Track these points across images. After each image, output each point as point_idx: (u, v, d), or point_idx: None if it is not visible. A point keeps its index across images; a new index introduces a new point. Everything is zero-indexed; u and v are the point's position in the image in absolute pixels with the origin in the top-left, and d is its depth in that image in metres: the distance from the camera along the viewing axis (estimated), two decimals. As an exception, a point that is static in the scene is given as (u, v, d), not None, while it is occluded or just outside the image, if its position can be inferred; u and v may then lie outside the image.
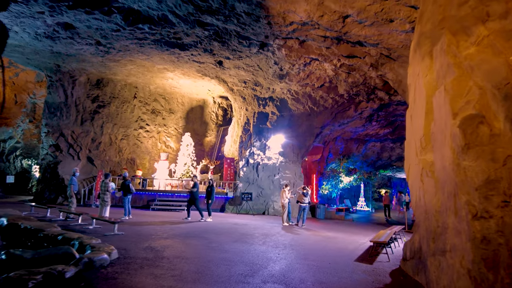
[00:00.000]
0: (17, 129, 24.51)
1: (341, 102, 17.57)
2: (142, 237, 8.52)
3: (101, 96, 20.81)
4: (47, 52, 16.53)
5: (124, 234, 8.87)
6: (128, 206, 12.87)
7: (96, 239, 7.14)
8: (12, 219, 8.50)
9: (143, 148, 22.62)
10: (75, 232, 8.59)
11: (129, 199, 12.87)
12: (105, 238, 8.17)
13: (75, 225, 10.06)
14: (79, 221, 10.39)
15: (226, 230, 10.76)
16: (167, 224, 11.45)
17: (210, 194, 13.26)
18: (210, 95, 23.23)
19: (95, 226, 9.72)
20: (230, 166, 19.46)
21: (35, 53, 16.91)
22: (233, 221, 13.54)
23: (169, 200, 17.94)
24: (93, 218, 9.60)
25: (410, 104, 7.23)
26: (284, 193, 13.76)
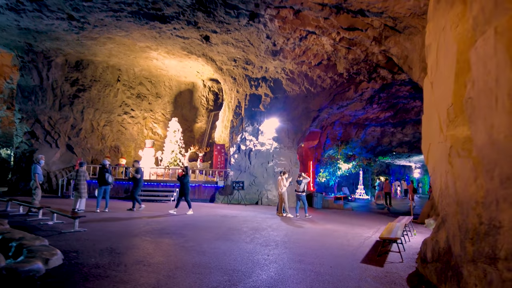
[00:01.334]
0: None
1: (340, 82, 16.12)
2: (106, 236, 7.17)
3: (81, 79, 19.22)
4: (14, 28, 14.87)
5: (86, 231, 7.51)
6: (106, 198, 11.49)
7: (42, 239, 5.77)
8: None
9: (128, 135, 21.14)
10: (29, 229, 7.23)
11: (106, 190, 11.47)
12: (59, 237, 6.82)
13: (33, 220, 8.69)
14: (40, 215, 9.00)
15: (210, 224, 9.44)
16: (145, 218, 10.11)
17: (185, 185, 11.67)
18: (199, 77, 21.67)
19: (56, 221, 8.35)
20: (221, 153, 18.09)
21: (0, 30, 15.23)
22: (221, 213, 12.23)
23: (154, 190, 16.58)
24: (53, 212, 8.22)
25: (430, 69, 5.82)
26: (282, 181, 12.39)
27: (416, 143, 25.25)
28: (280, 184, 12.40)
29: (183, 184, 11.64)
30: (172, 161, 19.12)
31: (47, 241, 5.76)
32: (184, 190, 11.61)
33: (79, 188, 10.57)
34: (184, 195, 11.64)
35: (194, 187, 16.88)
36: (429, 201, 12.34)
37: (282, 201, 12.46)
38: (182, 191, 11.67)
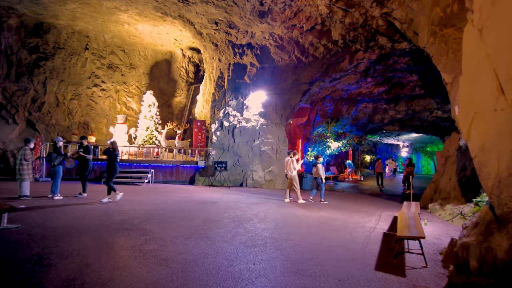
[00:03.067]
0: None
1: (334, 50, 14.44)
2: (42, 234, 5.54)
3: (41, 45, 16.86)
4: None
5: (20, 228, 5.85)
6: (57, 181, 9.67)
7: None
8: None
9: (99, 110, 19.07)
10: None
11: (57, 172, 9.64)
12: (-24, 238, 5.14)
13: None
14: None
15: (185, 214, 7.89)
16: (103, 206, 8.47)
17: (112, 165, 9.37)
18: (177, 46, 19.55)
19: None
20: (201, 130, 16.37)
21: None
22: (200, 198, 10.70)
23: (126, 171, 14.84)
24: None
25: (479, 10, 4.22)
26: (291, 163, 10.99)
27: (408, 120, 24.14)
28: (290, 166, 10.99)
29: (109, 163, 9.41)
30: (147, 139, 17.30)
31: None
32: (108, 170, 9.40)
33: (20, 169, 8.86)
34: (107, 177, 9.46)
35: (171, 167, 15.24)
36: (432, 183, 11.14)
37: (291, 186, 11.08)
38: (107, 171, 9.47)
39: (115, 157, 9.40)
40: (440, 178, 10.73)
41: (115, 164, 9.39)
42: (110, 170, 9.37)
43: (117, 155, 9.47)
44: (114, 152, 9.40)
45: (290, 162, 11.05)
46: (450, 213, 8.79)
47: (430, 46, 10.66)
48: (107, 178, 9.41)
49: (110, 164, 9.40)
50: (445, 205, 9.40)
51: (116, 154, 9.45)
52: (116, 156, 9.45)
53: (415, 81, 18.53)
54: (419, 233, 4.87)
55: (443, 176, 10.54)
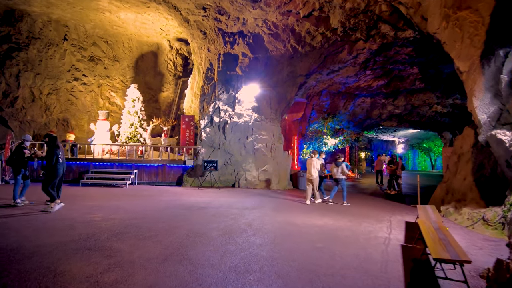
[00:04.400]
0: None
1: (333, 40, 13.32)
2: None
3: (14, 35, 15.44)
4: None
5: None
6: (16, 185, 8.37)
7: None
8: None
9: (80, 106, 17.72)
10: None
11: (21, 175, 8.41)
12: None
13: None
14: None
15: (165, 225, 6.73)
16: (72, 214, 7.25)
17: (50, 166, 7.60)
18: (164, 37, 18.25)
19: None
20: (189, 127, 15.16)
21: None
22: (187, 202, 9.52)
23: (107, 172, 13.58)
24: None
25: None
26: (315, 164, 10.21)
27: (406, 115, 23.23)
28: (314, 166, 10.13)
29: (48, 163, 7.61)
30: (131, 137, 16.03)
31: None
32: (46, 172, 7.62)
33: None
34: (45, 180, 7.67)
35: (157, 167, 14.02)
36: (443, 183, 10.13)
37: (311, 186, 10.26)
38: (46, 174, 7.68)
39: (55, 155, 7.57)
40: (452, 178, 9.71)
41: (56, 165, 7.57)
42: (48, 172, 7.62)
43: (56, 153, 7.60)
44: (53, 149, 7.59)
45: (314, 163, 10.21)
46: (468, 218, 7.77)
47: (441, 32, 9.60)
48: (44, 183, 7.58)
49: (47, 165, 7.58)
50: (461, 208, 8.38)
51: (55, 152, 7.58)
52: (56, 154, 7.57)
53: (416, 74, 17.57)
54: (460, 254, 3.78)
55: (456, 175, 9.52)
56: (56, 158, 7.57)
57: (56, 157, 7.57)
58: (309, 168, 10.35)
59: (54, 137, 7.75)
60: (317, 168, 10.26)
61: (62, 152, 8.52)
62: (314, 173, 10.20)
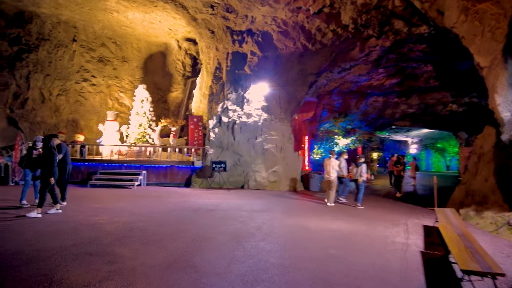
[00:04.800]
0: None
1: (344, 37, 12.94)
2: None
3: (24, 36, 15.47)
4: None
5: None
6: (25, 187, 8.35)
7: None
8: None
9: (89, 107, 17.71)
10: None
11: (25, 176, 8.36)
12: None
13: None
14: None
15: (171, 228, 6.49)
16: (76, 216, 7.07)
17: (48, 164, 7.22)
18: (172, 37, 18.12)
19: None
20: (198, 127, 14.96)
21: None
22: (195, 204, 9.28)
23: (115, 173, 13.47)
24: None
25: None
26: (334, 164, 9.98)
27: (420, 115, 22.58)
28: (334, 167, 9.88)
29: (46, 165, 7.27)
30: (140, 137, 15.92)
31: None
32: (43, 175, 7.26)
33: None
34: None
35: (166, 168, 13.84)
36: (462, 185, 9.65)
37: (330, 188, 9.97)
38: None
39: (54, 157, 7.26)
40: (472, 179, 9.24)
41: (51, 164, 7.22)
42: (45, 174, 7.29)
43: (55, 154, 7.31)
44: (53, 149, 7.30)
45: (333, 163, 9.96)
46: (492, 222, 7.32)
47: (460, 26, 9.15)
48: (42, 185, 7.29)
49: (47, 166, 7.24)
50: (483, 211, 7.92)
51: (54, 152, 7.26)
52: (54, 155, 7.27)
53: (430, 72, 17.01)
54: (492, 265, 3.41)
55: (477, 176, 9.05)
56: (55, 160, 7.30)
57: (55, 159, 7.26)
58: (327, 169, 10.06)
59: (49, 137, 7.43)
60: (335, 169, 9.97)
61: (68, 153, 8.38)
62: (333, 174, 9.91)
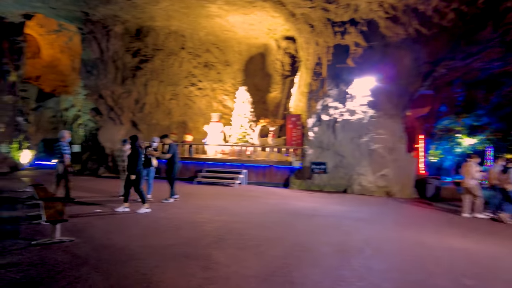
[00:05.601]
0: (77, 97, 23.06)
1: (471, 15, 10.74)
2: (87, 256, 4.49)
3: (142, 49, 17.41)
4: (63, -7, 13.35)
5: (73, 241, 4.93)
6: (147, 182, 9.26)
7: None
8: None
9: (196, 109, 18.96)
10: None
11: (150, 173, 9.20)
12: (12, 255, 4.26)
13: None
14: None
15: (269, 233, 6.10)
16: (181, 214, 7.28)
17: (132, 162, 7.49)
18: (271, 37, 18.07)
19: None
20: (296, 126, 14.48)
21: None
22: (293, 207, 8.78)
23: (219, 171, 13.96)
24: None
25: None
26: (471, 168, 8.66)
27: None
28: (470, 172, 8.59)
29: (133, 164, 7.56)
30: (241, 137, 16.28)
31: None
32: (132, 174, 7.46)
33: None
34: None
35: (264, 168, 13.75)
36: None
37: (469, 196, 8.66)
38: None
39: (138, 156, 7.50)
40: None
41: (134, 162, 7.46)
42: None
43: (140, 153, 7.60)
44: (138, 148, 7.59)
45: (470, 168, 8.60)
46: None
47: None
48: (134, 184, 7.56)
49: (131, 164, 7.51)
50: None
51: (139, 151, 7.53)
52: (140, 154, 7.54)
53: None
54: None
55: None
56: (140, 159, 7.61)
57: (140, 157, 7.55)
58: (465, 175, 8.53)
59: (135, 136, 7.77)
60: (474, 175, 8.33)
61: (176, 153, 8.89)
62: (471, 180, 8.30)
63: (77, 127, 22.49)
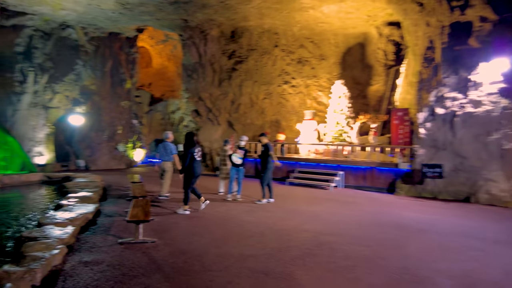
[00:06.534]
0: (181, 100, 25.04)
1: None
2: (163, 262, 4.22)
3: (237, 50, 17.68)
4: (166, 4, 14.28)
5: (155, 243, 4.77)
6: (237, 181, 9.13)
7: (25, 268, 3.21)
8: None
9: (289, 107, 18.41)
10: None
11: (239, 172, 9.01)
12: (96, 253, 4.25)
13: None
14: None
15: (368, 252, 5.04)
16: (273, 218, 6.71)
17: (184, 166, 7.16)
18: (371, 24, 16.31)
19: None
20: (403, 122, 12.58)
21: (159, 10, 15.06)
22: (400, 218, 7.36)
23: (312, 172, 13.10)
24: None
25: None
26: None
27: None
28: None
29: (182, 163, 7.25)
30: (337, 136, 15.05)
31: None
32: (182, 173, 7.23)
33: (221, 168, 9.72)
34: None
35: (364, 170, 12.33)
36: None
37: None
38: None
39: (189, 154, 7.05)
40: None
41: (192, 164, 7.06)
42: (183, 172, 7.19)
43: (191, 151, 7.05)
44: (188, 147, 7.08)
45: None
46: None
47: None
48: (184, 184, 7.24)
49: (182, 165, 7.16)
50: None
51: (190, 150, 7.03)
52: (190, 152, 7.03)
53: None
54: None
55: None
56: (191, 157, 7.07)
57: (190, 156, 7.06)
58: None
59: (190, 133, 7.34)
60: None
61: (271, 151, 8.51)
62: None
63: (182, 128, 24.32)
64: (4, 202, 8.33)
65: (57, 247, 4.19)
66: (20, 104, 14.93)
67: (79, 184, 9.21)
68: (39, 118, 15.35)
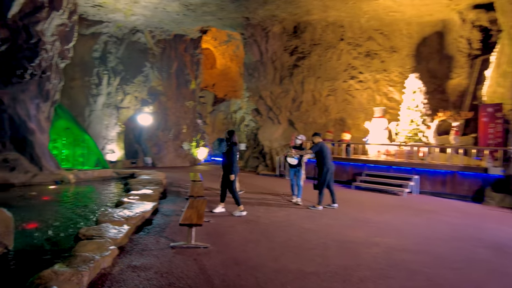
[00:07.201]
0: (243, 99, 25.16)
1: None
2: (212, 272, 3.80)
3: (299, 46, 17.02)
4: (228, 2, 14.23)
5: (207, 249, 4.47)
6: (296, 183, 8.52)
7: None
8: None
9: (356, 104, 17.16)
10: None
11: (297, 174, 8.40)
12: (145, 257, 4.02)
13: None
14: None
15: (452, 274, 4.10)
16: (333, 226, 5.99)
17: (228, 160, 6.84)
18: (453, 9, 14.38)
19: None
20: (494, 120, 10.73)
21: (220, 9, 15.12)
22: (491, 233, 6.09)
23: (382, 175, 11.91)
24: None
25: None
26: None
27: None
28: None
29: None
30: (411, 135, 13.54)
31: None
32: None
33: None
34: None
35: (444, 174, 10.82)
36: None
37: None
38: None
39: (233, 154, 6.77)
40: None
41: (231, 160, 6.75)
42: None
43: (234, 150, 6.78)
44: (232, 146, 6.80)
45: None
46: None
47: None
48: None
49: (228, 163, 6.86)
50: None
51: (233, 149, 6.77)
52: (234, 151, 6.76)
53: None
54: None
55: None
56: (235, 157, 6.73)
57: (234, 155, 6.70)
58: None
59: (231, 131, 6.99)
60: None
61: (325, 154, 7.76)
62: None
63: (243, 128, 24.37)
64: (76, 196, 8.88)
65: (109, 248, 4.06)
66: (95, 105, 16.18)
67: (141, 181, 9.43)
68: (112, 118, 16.47)
